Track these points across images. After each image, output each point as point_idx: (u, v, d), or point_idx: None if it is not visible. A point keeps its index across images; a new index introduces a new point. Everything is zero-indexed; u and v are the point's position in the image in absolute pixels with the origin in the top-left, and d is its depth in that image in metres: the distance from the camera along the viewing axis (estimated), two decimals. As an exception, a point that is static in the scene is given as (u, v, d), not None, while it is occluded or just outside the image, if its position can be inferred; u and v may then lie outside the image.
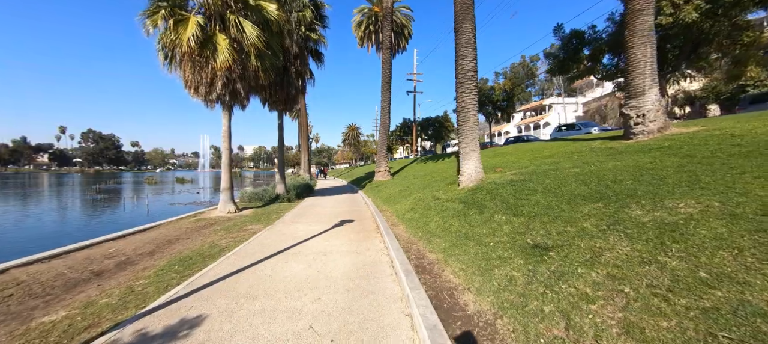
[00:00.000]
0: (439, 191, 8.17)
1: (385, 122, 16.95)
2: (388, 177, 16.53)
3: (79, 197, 21.63)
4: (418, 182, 11.50)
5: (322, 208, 10.38)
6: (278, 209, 10.32)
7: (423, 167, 17.58)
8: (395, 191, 11.55)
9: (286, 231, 6.71)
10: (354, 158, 72.66)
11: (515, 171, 7.34)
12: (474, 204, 5.76)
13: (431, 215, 6.36)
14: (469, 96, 7.70)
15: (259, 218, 8.56)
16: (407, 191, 10.79)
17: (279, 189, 13.39)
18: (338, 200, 12.61)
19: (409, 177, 14.42)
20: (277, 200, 11.97)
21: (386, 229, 6.34)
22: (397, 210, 8.36)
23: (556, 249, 3.31)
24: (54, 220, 12.49)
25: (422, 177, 12.85)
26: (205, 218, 8.67)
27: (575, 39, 13.86)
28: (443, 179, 10.31)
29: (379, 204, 10.44)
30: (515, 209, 4.77)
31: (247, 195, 12.02)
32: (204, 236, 6.55)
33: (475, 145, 7.71)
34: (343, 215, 8.65)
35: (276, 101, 13.03)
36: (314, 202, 12.16)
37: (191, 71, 8.69)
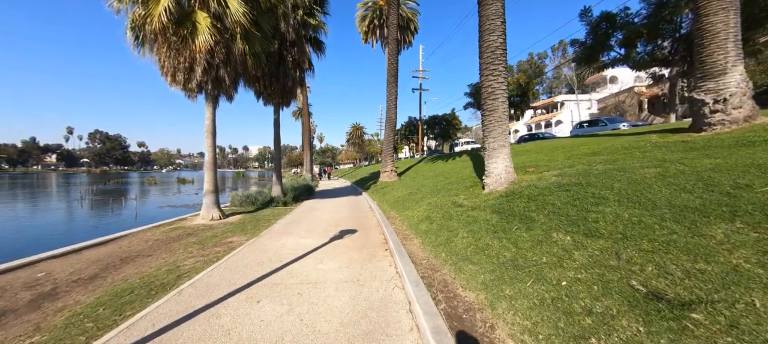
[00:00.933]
0: (459, 196, 6.78)
1: (391, 119, 15.59)
2: (395, 178, 15.16)
3: (69, 199, 20.66)
4: (430, 184, 10.10)
5: (320, 213, 9.05)
6: (270, 215, 9.02)
7: (432, 166, 16.16)
8: (404, 194, 10.17)
9: (271, 247, 5.38)
10: (358, 158, 71.42)
11: (556, 172, 5.91)
12: (514, 215, 4.35)
13: (455, 228, 4.97)
14: (498, 79, 6.29)
15: (245, 226, 7.26)
16: (418, 194, 9.41)
17: (275, 191, 12.11)
18: (339, 204, 11.28)
19: (418, 178, 13.02)
20: (272, 204, 10.68)
21: (397, 245, 4.97)
22: (408, 218, 6.98)
23: (702, 308, 1.91)
24: (20, 227, 11.36)
25: (433, 178, 11.45)
26: (183, 227, 7.39)
27: (605, 23, 12.33)
28: (460, 180, 8.91)
29: (385, 209, 9.08)
30: (584, 225, 3.36)
31: (238, 198, 10.76)
32: (169, 253, 5.26)
33: (504, 139, 6.29)
34: (344, 224, 7.30)
35: (271, 93, 11.76)
36: (312, 206, 10.85)
37: (167, 55, 7.42)
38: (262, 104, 12.34)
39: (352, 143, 63.97)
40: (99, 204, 17.92)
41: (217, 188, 8.45)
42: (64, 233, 9.75)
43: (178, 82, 7.64)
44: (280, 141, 12.54)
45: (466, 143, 33.13)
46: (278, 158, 12.68)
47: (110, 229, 9.26)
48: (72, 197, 21.75)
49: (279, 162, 12.64)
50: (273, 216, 8.73)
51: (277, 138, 12.44)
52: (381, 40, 35.91)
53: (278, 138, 12.47)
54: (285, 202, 11.30)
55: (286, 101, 12.29)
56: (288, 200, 11.71)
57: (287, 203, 11.35)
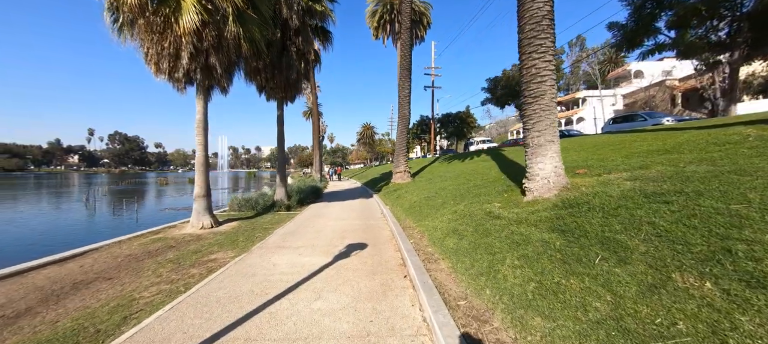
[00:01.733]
0: (492, 203, 5.51)
1: (405, 115, 14.36)
2: (408, 179, 13.94)
3: (75, 200, 20.39)
4: (451, 187, 8.84)
5: (325, 221, 7.94)
6: (269, 222, 7.97)
7: (449, 167, 14.84)
8: (420, 198, 8.94)
9: (260, 268, 4.27)
10: (369, 158, 70.45)
11: (623, 174, 4.57)
12: (589, 237, 3.08)
13: (498, 250, 3.73)
14: (544, 57, 4.99)
15: (237, 238, 6.20)
16: (436, 198, 8.17)
17: (278, 194, 11.10)
18: (348, 209, 10.15)
19: (435, 180, 11.76)
20: (273, 209, 9.65)
21: (419, 271, 3.76)
22: (429, 230, 5.76)
23: None
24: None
25: (453, 180, 10.17)
26: (167, 238, 6.41)
27: (651, 2, 10.72)
28: (486, 183, 7.62)
29: (400, 216, 7.88)
30: (731, 263, 2.07)
31: (237, 202, 9.79)
32: (135, 275, 4.23)
33: (553, 133, 5.00)
34: (352, 235, 6.15)
35: (274, 87, 10.74)
36: (318, 211, 9.76)
37: (149, 39, 6.46)
38: (265, 99, 11.37)
39: (363, 142, 63.00)
40: (103, 205, 17.47)
41: (209, 192, 7.46)
42: (42, 241, 9.00)
43: (162, 71, 6.68)
44: (284, 140, 11.54)
45: (481, 141, 31.52)
46: (282, 158, 11.68)
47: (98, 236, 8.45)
48: (80, 198, 21.56)
49: (283, 162, 11.64)
50: (272, 224, 7.68)
51: (281, 136, 11.43)
52: (392, 36, 34.74)
53: (282, 136, 11.46)
54: (288, 206, 10.26)
55: (291, 95, 11.26)
56: (292, 204, 10.68)
57: (291, 207, 10.31)
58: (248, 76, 10.49)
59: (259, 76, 10.39)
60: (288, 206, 10.19)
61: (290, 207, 10.24)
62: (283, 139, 11.53)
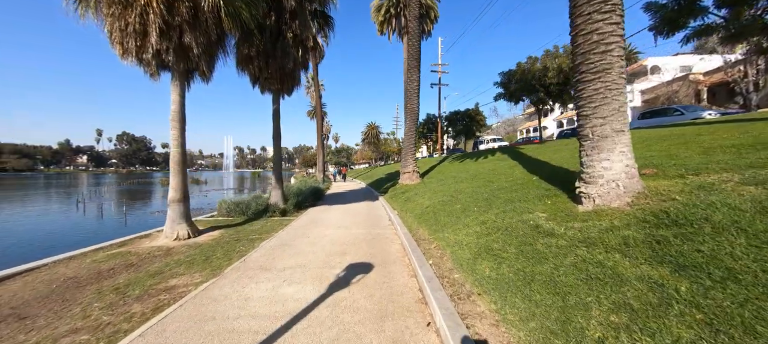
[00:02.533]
0: (534, 212, 4.27)
1: (413, 110, 13.13)
2: (417, 180, 12.71)
3: (71, 201, 19.59)
4: (470, 190, 7.60)
5: (323, 230, 6.76)
6: (258, 230, 6.82)
7: (461, 167, 13.58)
8: (433, 203, 7.72)
9: (223, 310, 3.09)
10: (374, 158, 69.34)
11: (727, 175, 3.30)
12: (743, 281, 1.83)
13: (566, 287, 2.49)
14: (610, 18, 3.73)
15: (213, 253, 5.05)
16: (454, 203, 6.95)
17: (274, 197, 9.97)
18: (350, 214, 8.96)
19: (448, 181, 10.52)
20: (266, 214, 8.51)
21: (451, 319, 2.55)
22: (450, 245, 4.53)
23: None
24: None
25: (470, 181, 8.92)
26: (129, 252, 5.29)
27: (699, -23, 9.32)
28: (514, 185, 6.38)
29: (411, 224, 6.66)
30: None
31: (225, 206, 8.68)
32: (55, 314, 3.10)
33: (622, 121, 3.75)
34: (354, 250, 4.96)
35: (268, 77, 9.63)
36: (316, 217, 8.59)
37: (112, 13, 5.37)
38: (260, 91, 10.26)
39: (368, 142, 61.86)
40: (96, 206, 16.60)
41: (186, 196, 6.34)
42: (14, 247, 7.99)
43: (129, 51, 5.57)
44: (280, 136, 10.40)
45: (491, 140, 30.13)
46: (278, 156, 10.56)
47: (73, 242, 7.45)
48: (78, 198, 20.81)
49: (279, 162, 10.51)
50: (261, 233, 6.53)
51: (277, 132, 10.30)
52: (397, 31, 33.51)
53: (278, 132, 10.33)
54: (284, 211, 9.13)
55: (288, 87, 10.13)
56: (288, 208, 9.54)
57: (287, 212, 9.17)
58: (240, 64, 9.41)
59: (251, 64, 9.28)
60: (283, 211, 9.05)
61: (286, 212, 9.09)
62: (279, 135, 10.40)
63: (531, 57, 19.25)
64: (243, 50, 9.14)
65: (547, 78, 18.27)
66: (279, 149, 10.43)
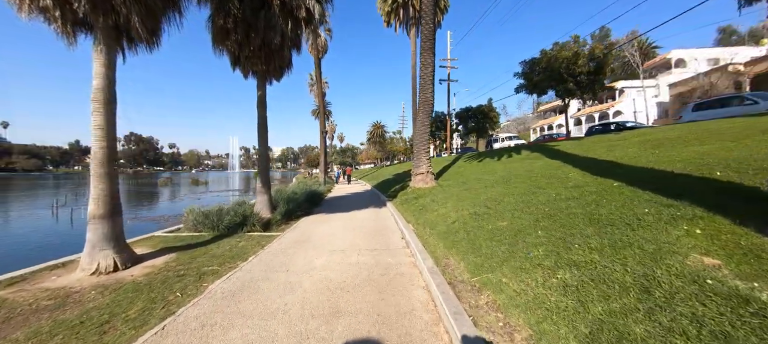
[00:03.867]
0: (684, 248, 2.24)
1: (427, 99, 11.10)
2: (432, 182, 10.70)
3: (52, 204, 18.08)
4: (515, 199, 5.59)
5: (311, 257, 4.82)
6: (220, 257, 4.91)
7: (485, 167, 11.54)
8: (463, 215, 5.73)
9: None
10: (379, 158, 67.41)
11: None
12: None
13: None
14: None
15: (129, 307, 3.15)
16: (495, 216, 4.97)
17: (258, 204, 8.10)
18: (352, 227, 7.01)
19: (472, 183, 8.50)
20: (243, 227, 6.59)
21: None
22: (520, 306, 2.53)
23: None
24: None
25: (505, 185, 6.90)
26: (5, 300, 3.43)
27: None
28: (590, 193, 4.36)
29: (435, 248, 4.67)
30: None
31: (193, 216, 6.79)
32: None
33: None
34: (353, 307, 3.00)
35: (250, 56, 7.77)
36: (307, 232, 6.66)
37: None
38: (242, 75, 8.40)
39: (373, 142, 59.91)
40: (73, 211, 15.00)
41: (115, 210, 4.45)
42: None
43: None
44: (266, 130, 8.51)
45: (507, 138, 27.89)
46: (264, 154, 8.67)
47: None
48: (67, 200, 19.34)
49: (265, 161, 8.62)
50: (222, 261, 4.62)
51: (263, 124, 8.40)
52: (405, 23, 31.56)
53: (264, 124, 8.43)
54: (267, 223, 7.22)
55: (275, 68, 8.23)
56: (275, 219, 7.64)
57: (271, 224, 7.26)
58: (216, 41, 7.57)
59: (228, 39, 7.43)
60: (266, 223, 7.14)
61: (270, 224, 7.18)
62: (265, 129, 8.51)
63: (557, 43, 17.06)
64: (218, 21, 7.29)
65: (576, 66, 16.08)
66: (265, 145, 8.54)
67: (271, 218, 7.47)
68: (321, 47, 29.12)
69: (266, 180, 8.45)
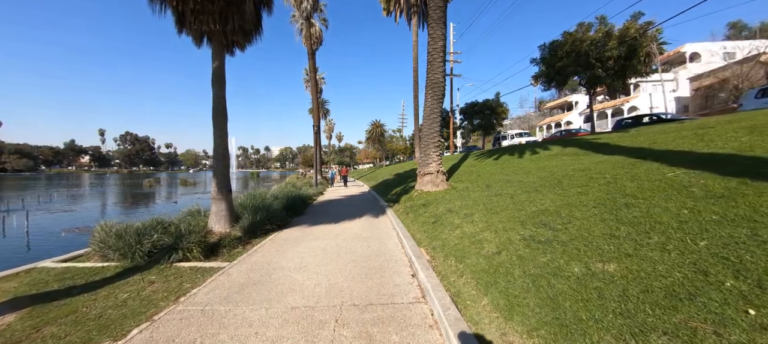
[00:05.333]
0: None
1: (437, 81, 8.90)
2: (444, 185, 8.51)
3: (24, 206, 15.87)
4: (598, 212, 3.41)
5: (245, 328, 2.64)
6: (94, 320, 2.74)
7: (507, 166, 9.36)
8: (513, 242, 3.56)
9: None
10: (378, 157, 65.26)
11: None
12: None
13: None
14: None
15: None
16: (591, 247, 2.78)
17: (213, 217, 5.92)
18: (336, 252, 4.83)
19: (498, 187, 6.34)
20: (174, 253, 4.39)
21: None
22: None
23: None
24: None
25: (559, 188, 4.73)
26: None
27: None
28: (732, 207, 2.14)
29: (480, 312, 2.51)
30: None
31: (99, 237, 4.58)
32: None
33: None
34: None
35: (198, 11, 5.59)
36: (262, 265, 4.47)
37: None
38: (193, 42, 6.22)
39: (372, 140, 57.70)
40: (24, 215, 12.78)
41: None
42: None
43: None
44: (225, 115, 6.31)
45: (517, 135, 25.70)
46: (222, 147, 6.44)
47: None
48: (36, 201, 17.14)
49: (224, 158, 6.41)
50: (87, 338, 2.44)
51: (219, 108, 6.20)
52: (405, 11, 29.42)
53: (221, 109, 6.23)
54: (215, 244, 5.01)
55: (235, 30, 6.02)
56: (232, 236, 5.45)
57: (220, 245, 5.05)
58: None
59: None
60: (213, 245, 4.93)
61: (218, 246, 4.97)
62: (223, 113, 6.30)
63: (582, 24, 14.87)
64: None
65: (605, 50, 13.88)
66: (223, 134, 6.32)
67: (223, 238, 5.26)
68: (315, 38, 26.92)
69: (224, 183, 6.25)
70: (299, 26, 26.46)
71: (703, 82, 25.40)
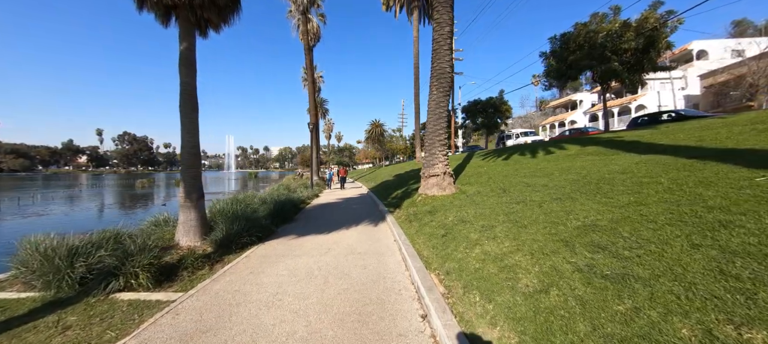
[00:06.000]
0: None
1: (443, 70, 7.92)
2: (452, 188, 7.54)
3: None
4: (672, 232, 2.41)
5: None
6: None
7: (525, 166, 8.40)
8: (563, 275, 2.58)
9: None
10: (378, 158, 64.27)
11: None
12: None
13: None
14: None
15: None
16: (700, 297, 1.75)
17: (180, 228, 4.95)
18: (321, 282, 3.85)
19: (534, 198, 5.37)
20: (114, 279, 3.42)
21: None
22: None
23: None
24: None
25: (613, 196, 3.75)
26: None
27: None
28: None
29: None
30: None
31: (18, 262, 3.61)
32: None
33: None
34: None
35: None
36: (225, 299, 3.48)
37: None
38: (157, 20, 5.24)
39: (372, 140, 56.67)
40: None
41: None
42: None
43: None
44: (195, 106, 5.33)
45: (522, 134, 24.73)
46: (190, 144, 5.46)
47: None
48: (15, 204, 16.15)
49: (191, 158, 5.43)
50: None
51: (188, 96, 5.22)
52: (406, 5, 28.48)
53: (191, 97, 5.26)
54: (174, 266, 4.03)
55: (202, 1, 5.04)
56: (200, 253, 4.48)
57: (179, 267, 4.06)
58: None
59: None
60: (170, 268, 3.95)
61: (177, 268, 3.99)
62: (193, 103, 5.32)
63: (597, 14, 13.90)
64: None
65: (622, 42, 12.92)
66: (192, 130, 5.34)
67: (186, 256, 4.27)
68: (312, 33, 25.92)
69: (194, 187, 5.26)
70: (296, 22, 25.47)
71: (717, 79, 24.41)
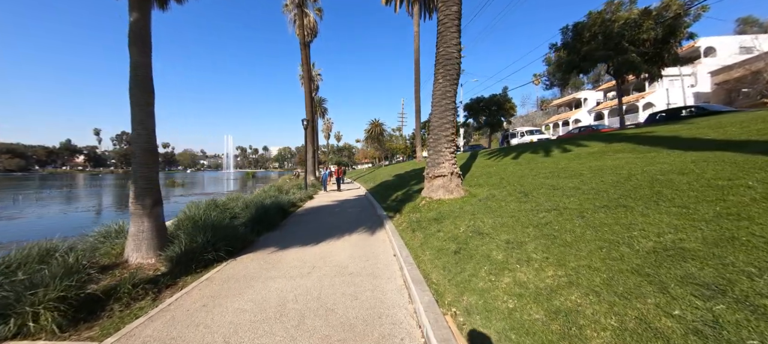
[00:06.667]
0: None
1: (450, 55, 6.95)
2: (460, 191, 6.56)
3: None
4: None
5: None
6: None
7: (543, 166, 7.44)
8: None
9: None
10: (377, 157, 63.29)
11: None
12: None
13: None
14: None
15: None
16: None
17: (131, 241, 3.97)
18: (291, 330, 2.87)
19: (568, 205, 4.40)
20: (3, 323, 2.46)
21: None
22: None
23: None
24: None
25: (671, 202, 2.76)
26: None
27: None
28: None
29: None
30: None
31: None
32: None
33: None
34: None
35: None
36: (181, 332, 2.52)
37: None
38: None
39: (371, 139, 55.67)
40: None
41: None
42: None
43: None
44: (150, 90, 4.35)
45: (528, 132, 23.74)
46: (144, 138, 4.47)
47: None
48: None
49: (145, 154, 4.46)
50: None
51: (140, 78, 4.25)
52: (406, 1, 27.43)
53: (145, 79, 4.28)
54: (106, 294, 3.05)
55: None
56: (161, 270, 3.51)
57: (119, 293, 3.09)
58: None
59: None
60: (95, 301, 2.97)
61: (107, 299, 3.01)
62: (148, 86, 4.33)
63: (612, 1, 12.92)
64: None
65: (641, 31, 11.93)
66: (146, 118, 4.35)
67: (126, 279, 3.28)
68: (309, 28, 24.91)
69: (148, 190, 4.27)
70: (292, 16, 24.47)
71: (732, 75, 23.44)
